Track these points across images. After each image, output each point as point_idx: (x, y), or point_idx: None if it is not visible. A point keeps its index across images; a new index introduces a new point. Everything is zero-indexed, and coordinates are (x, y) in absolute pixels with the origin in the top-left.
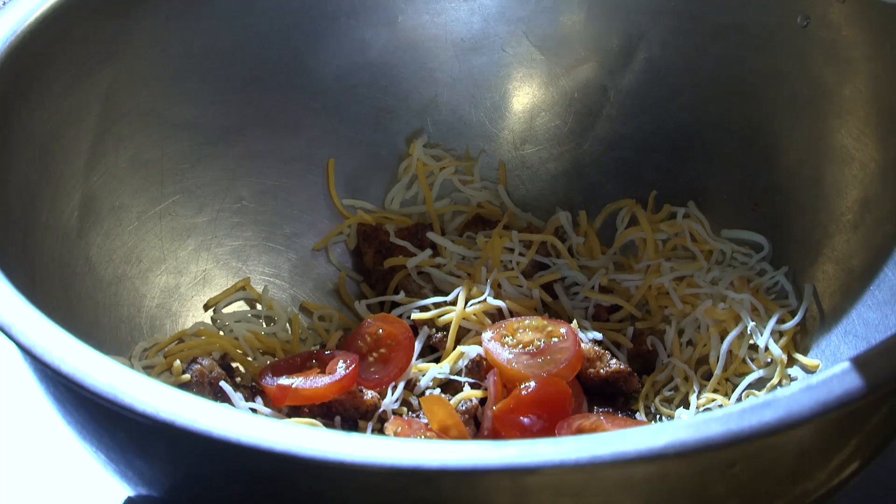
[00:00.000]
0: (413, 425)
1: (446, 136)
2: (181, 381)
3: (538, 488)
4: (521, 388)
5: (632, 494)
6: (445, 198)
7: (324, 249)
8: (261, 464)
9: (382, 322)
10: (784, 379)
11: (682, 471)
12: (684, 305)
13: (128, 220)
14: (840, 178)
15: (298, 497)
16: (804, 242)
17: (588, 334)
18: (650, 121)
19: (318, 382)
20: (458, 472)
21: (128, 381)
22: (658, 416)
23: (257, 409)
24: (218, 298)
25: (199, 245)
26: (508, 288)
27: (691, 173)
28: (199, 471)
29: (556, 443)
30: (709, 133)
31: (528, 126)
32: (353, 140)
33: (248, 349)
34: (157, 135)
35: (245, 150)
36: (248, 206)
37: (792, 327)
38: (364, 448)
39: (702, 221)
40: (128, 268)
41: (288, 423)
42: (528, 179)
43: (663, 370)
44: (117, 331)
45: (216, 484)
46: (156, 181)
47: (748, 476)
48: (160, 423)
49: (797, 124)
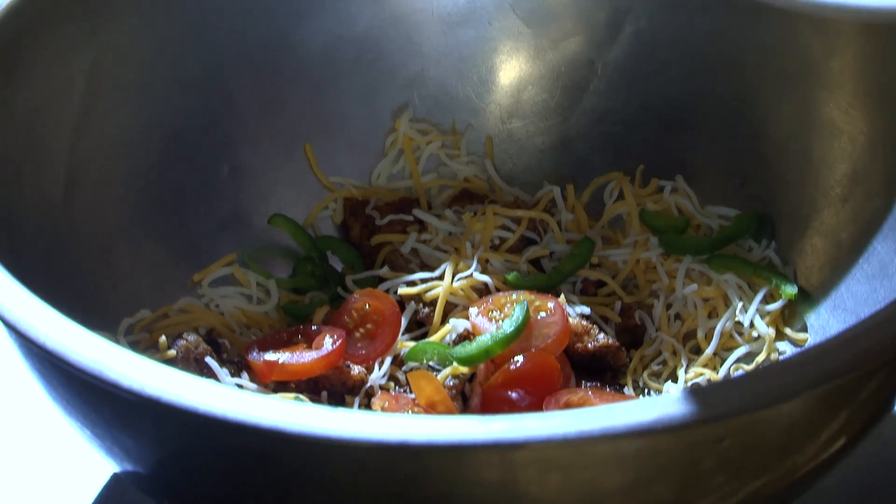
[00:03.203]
0: (400, 400)
1: (433, 111)
2: (167, 356)
3: (526, 463)
4: (508, 364)
5: (620, 469)
6: (432, 172)
7: (311, 225)
8: (247, 439)
9: (369, 297)
10: (773, 353)
11: (671, 445)
12: (671, 280)
13: (113, 195)
14: (828, 152)
15: (285, 472)
16: (792, 216)
17: (576, 309)
18: (637, 95)
19: (304, 358)
20: (446, 448)
21: (113, 357)
22: (646, 391)
23: (243, 384)
24: (204, 274)
25: (186, 220)
26: (496, 263)
27: (679, 147)
28: (185, 447)
29: (543, 417)
30: (696, 107)
31: (515, 100)
32: (339, 115)
33: (235, 324)
34: (142, 110)
35: (230, 126)
36: (234, 181)
37: (777, 308)
38: (351, 423)
39: (689, 196)
40: (113, 243)
41: (274, 399)
42: (516, 153)
43: (651, 344)
44: (103, 307)
45: (202, 460)
46: (141, 156)
47: (737, 450)
48: (146, 399)
49: (785, 98)
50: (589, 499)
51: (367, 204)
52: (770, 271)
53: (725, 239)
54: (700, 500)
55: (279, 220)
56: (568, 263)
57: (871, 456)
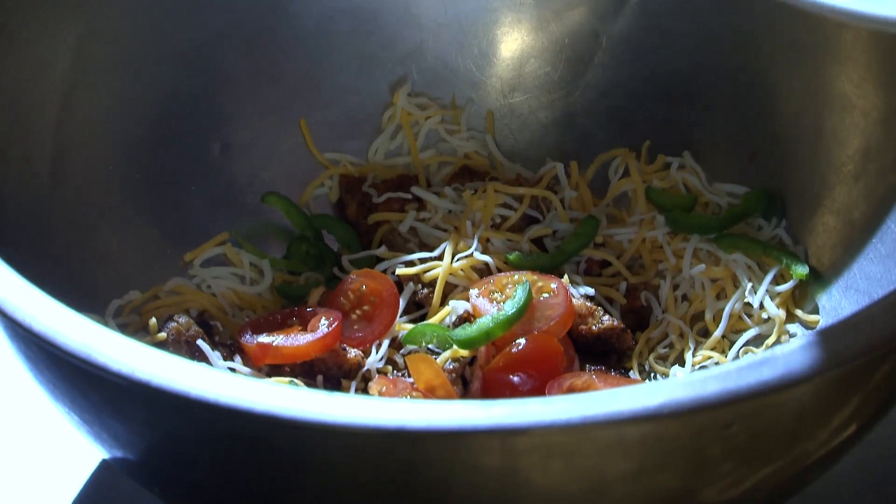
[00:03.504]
0: (398, 385)
1: (432, 85)
2: (157, 339)
3: (528, 449)
4: (510, 346)
5: (625, 456)
6: (431, 148)
7: (306, 203)
8: (240, 425)
9: (366, 278)
10: (783, 335)
11: (678, 431)
12: (678, 260)
13: (102, 172)
14: (840, 127)
15: (279, 459)
16: (803, 194)
17: (579, 289)
18: (643, 68)
19: (299, 340)
20: (445, 433)
21: (102, 340)
22: (652, 375)
23: (236, 368)
24: (196, 253)
25: (176, 197)
26: (497, 242)
27: (686, 122)
28: (176, 432)
29: (546, 402)
30: (704, 80)
31: (517, 73)
32: (335, 89)
33: (227, 306)
34: (131, 86)
35: (222, 100)
36: (226, 158)
37: (788, 289)
38: (347, 408)
39: (697, 172)
40: (102, 222)
41: (268, 383)
42: (518, 129)
43: (658, 326)
44: (91, 288)
45: (194, 446)
46: (130, 132)
47: (746, 436)
48: (136, 383)
49: (796, 71)
50: (593, 486)
51: (364, 181)
52: (780, 251)
53: (734, 217)
54: (707, 488)
55: (273, 198)
56: (572, 243)
57: (884, 441)
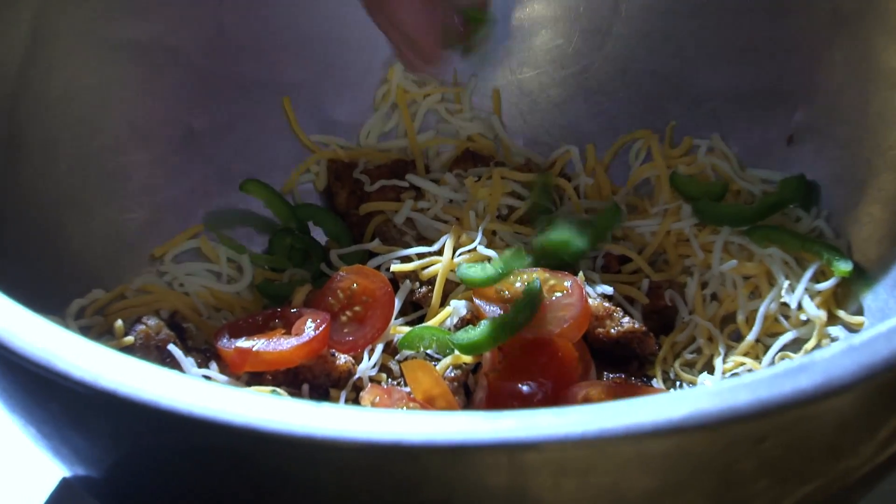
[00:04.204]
0: (393, 395)
1: None
2: (123, 343)
3: (538, 466)
4: (519, 352)
5: (646, 473)
6: (430, 130)
7: (290, 192)
8: (217, 439)
9: (357, 275)
10: (823, 339)
11: (705, 446)
12: (706, 255)
13: (62, 156)
14: (888, 106)
15: (260, 477)
16: (846, 181)
17: (596, 288)
18: (667, 39)
19: (282, 345)
20: (446, 449)
21: (63, 344)
22: (678, 383)
23: (212, 376)
24: (166, 248)
25: (145, 185)
26: (504, 235)
27: (715, 101)
28: (145, 447)
29: (559, 414)
30: (735, 54)
31: (527, 46)
32: (322, 64)
33: (202, 306)
34: (95, 58)
35: (197, 75)
36: (202, 140)
37: (829, 287)
38: (336, 421)
39: (728, 157)
40: (62, 212)
41: (248, 393)
42: (527, 109)
43: (684, 329)
44: (50, 285)
45: (165, 462)
46: (93, 112)
47: (781, 452)
48: (100, 392)
49: (838, 42)
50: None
51: (355, 167)
52: (821, 245)
53: (769, 207)
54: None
55: (253, 186)
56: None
57: None
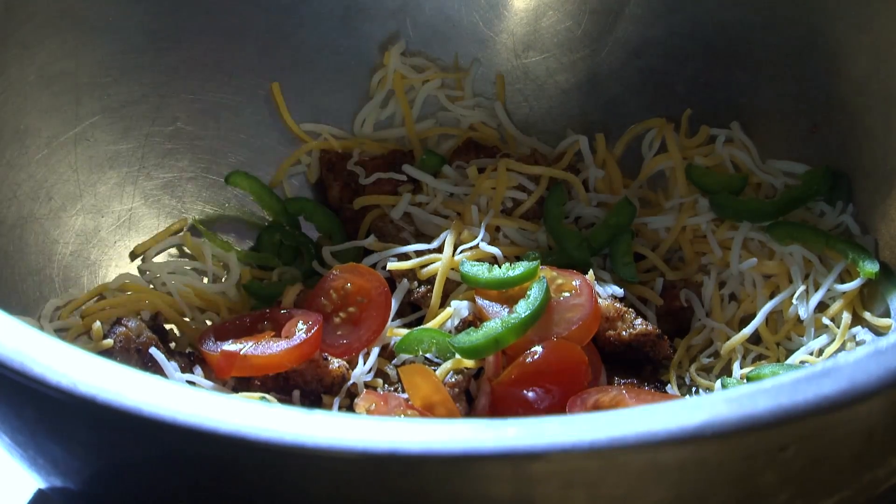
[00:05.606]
0: (390, 401)
1: (430, 42)
2: (102, 346)
3: (545, 477)
4: (524, 356)
5: (660, 485)
6: (429, 118)
7: (279, 184)
8: (202, 448)
9: (351, 274)
10: (848, 342)
11: (723, 455)
12: (724, 252)
13: (35, 146)
14: None
15: (249, 488)
16: (874, 173)
17: (607, 288)
18: (683, 21)
19: (272, 348)
20: (446, 458)
21: (38, 347)
22: (694, 389)
23: (196, 381)
24: (148, 244)
25: (124, 178)
26: (508, 231)
27: (735, 87)
28: (127, 457)
29: (567, 422)
30: (757, 36)
31: (533, 28)
32: (315, 47)
33: (185, 307)
34: (72, 41)
35: (180, 60)
36: (183, 130)
37: (854, 288)
38: (329, 429)
39: (748, 147)
40: (35, 206)
41: (235, 399)
42: (533, 95)
43: (700, 332)
44: (23, 285)
45: (147, 473)
46: (70, 98)
47: (803, 462)
48: (78, 398)
49: (867, 25)
50: None
51: (349, 158)
52: (846, 242)
53: (792, 201)
54: None
55: (239, 178)
56: (601, 234)
57: None
